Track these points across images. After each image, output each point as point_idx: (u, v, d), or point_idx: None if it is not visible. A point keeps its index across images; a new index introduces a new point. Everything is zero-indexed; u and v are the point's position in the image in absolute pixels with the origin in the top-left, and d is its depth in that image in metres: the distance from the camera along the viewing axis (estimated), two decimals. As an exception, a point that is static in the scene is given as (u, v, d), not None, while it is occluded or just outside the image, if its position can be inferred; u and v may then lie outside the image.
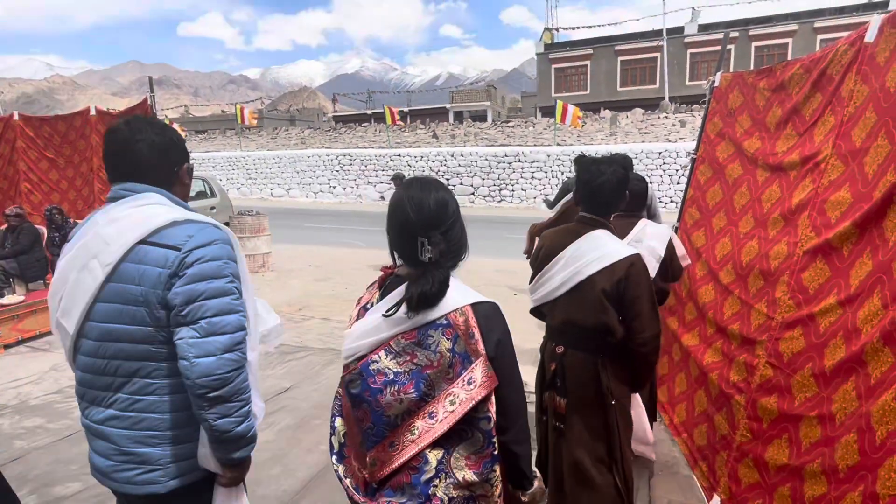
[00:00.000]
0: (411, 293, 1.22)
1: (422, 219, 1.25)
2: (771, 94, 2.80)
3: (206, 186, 10.63)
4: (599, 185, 2.10)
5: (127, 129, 1.39)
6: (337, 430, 1.36)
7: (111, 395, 1.37)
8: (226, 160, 25.54)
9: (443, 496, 1.22)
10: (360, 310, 1.37)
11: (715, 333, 2.89)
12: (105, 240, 1.33)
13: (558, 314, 2.19)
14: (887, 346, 1.64)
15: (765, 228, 2.60)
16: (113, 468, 1.40)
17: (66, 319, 1.37)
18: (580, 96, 32.41)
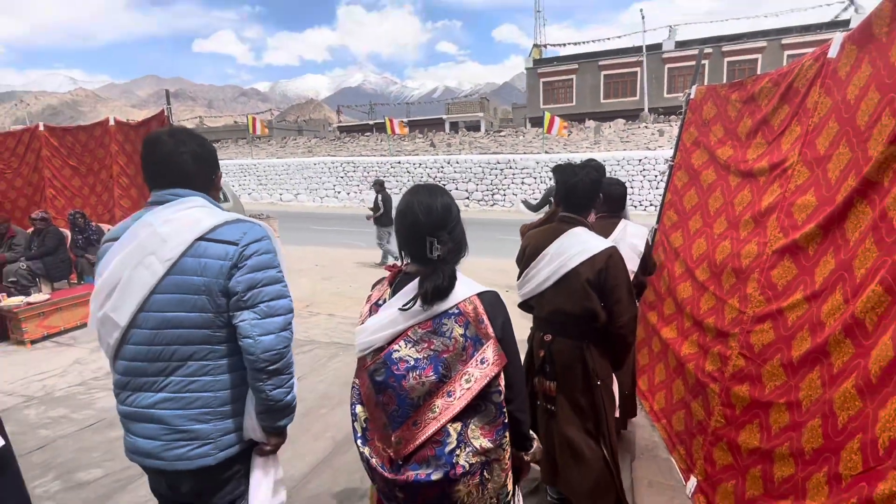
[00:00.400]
0: (426, 288, 1.28)
1: (430, 221, 1.32)
2: (742, 106, 2.81)
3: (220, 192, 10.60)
4: (573, 185, 2.18)
5: (172, 140, 1.44)
6: (358, 417, 1.38)
7: (163, 380, 1.41)
8: (238, 167, 25.46)
9: (464, 463, 1.27)
10: (372, 306, 1.40)
11: (692, 327, 2.89)
12: (163, 238, 1.38)
13: (546, 305, 2.23)
14: (848, 338, 1.65)
15: (737, 230, 2.61)
16: (163, 447, 1.42)
17: (117, 313, 1.39)
18: (566, 108, 32.44)
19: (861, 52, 1.95)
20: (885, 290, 1.49)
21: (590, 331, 2.16)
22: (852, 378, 1.55)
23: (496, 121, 43.17)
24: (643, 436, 3.18)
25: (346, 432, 3.28)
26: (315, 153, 26.47)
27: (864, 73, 1.89)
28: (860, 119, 1.85)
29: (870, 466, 1.39)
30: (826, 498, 1.54)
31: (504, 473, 1.35)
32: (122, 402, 1.47)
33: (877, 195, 1.68)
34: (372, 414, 1.35)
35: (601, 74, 32.31)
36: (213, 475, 1.47)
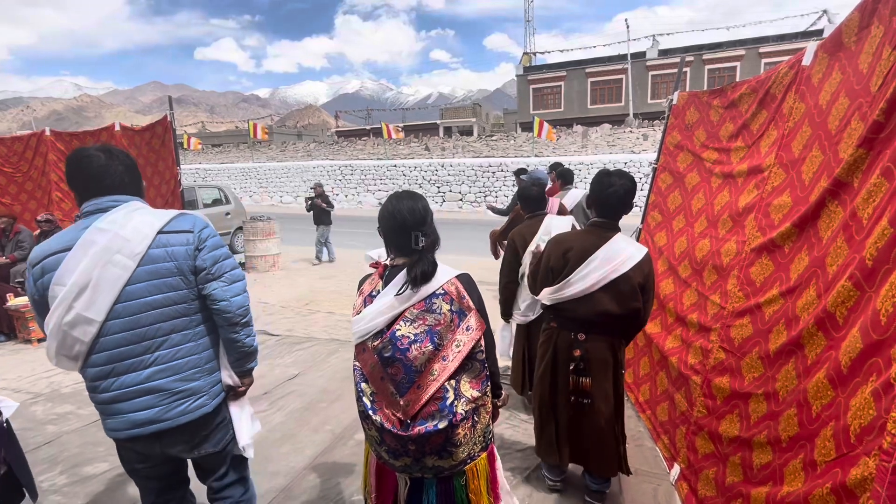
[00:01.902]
0: (415, 273, 1.49)
1: (414, 219, 1.54)
2: (724, 111, 2.83)
3: (222, 194, 10.51)
4: (610, 194, 2.26)
5: (104, 155, 1.59)
6: (365, 392, 1.54)
7: (151, 356, 1.58)
8: (239, 171, 25.29)
9: (461, 411, 1.51)
10: (366, 298, 1.57)
11: (675, 322, 2.91)
12: (125, 238, 1.53)
13: (591, 307, 2.24)
14: (820, 331, 1.66)
15: (716, 228, 2.63)
16: (165, 410, 1.59)
17: (91, 310, 1.51)
18: (555, 113, 32.51)
19: (832, 59, 1.97)
20: (854, 286, 1.51)
21: (623, 327, 2.29)
22: (824, 369, 1.57)
23: (488, 125, 43.16)
24: (629, 426, 3.19)
25: (345, 425, 3.27)
26: (314, 157, 26.35)
27: (835, 80, 1.91)
28: (831, 123, 1.86)
29: (843, 453, 1.40)
30: (802, 483, 1.56)
31: (487, 416, 1.61)
32: (105, 391, 1.57)
33: (847, 195, 1.69)
34: (378, 387, 1.52)
35: (588, 81, 32.40)
36: (209, 422, 1.70)
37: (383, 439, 1.54)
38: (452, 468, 1.56)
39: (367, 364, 1.53)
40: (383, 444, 1.55)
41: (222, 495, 1.86)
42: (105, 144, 1.64)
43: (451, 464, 1.55)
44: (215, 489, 1.86)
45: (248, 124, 23.48)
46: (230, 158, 28.73)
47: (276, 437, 3.14)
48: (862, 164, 1.63)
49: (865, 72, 1.72)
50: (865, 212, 1.56)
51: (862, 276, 1.48)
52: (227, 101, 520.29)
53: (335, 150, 26.31)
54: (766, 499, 1.73)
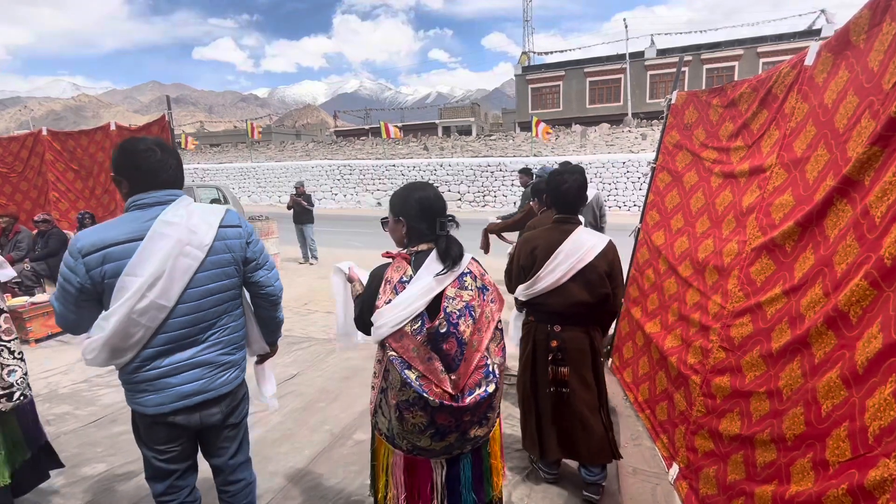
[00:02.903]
0: (453, 254, 1.59)
1: (442, 206, 1.66)
2: (723, 111, 2.82)
3: (220, 194, 10.48)
4: (566, 190, 2.38)
5: (160, 150, 1.67)
6: (410, 378, 1.54)
7: (205, 335, 1.72)
8: (238, 170, 25.24)
9: (496, 372, 1.62)
10: (397, 285, 1.58)
11: (676, 321, 2.90)
12: (192, 230, 1.65)
13: (562, 299, 2.34)
14: (831, 330, 1.65)
15: (719, 228, 2.62)
16: (209, 381, 1.74)
17: (164, 297, 1.61)
18: (554, 112, 32.51)
19: (838, 58, 1.96)
20: (871, 285, 1.49)
21: (595, 315, 2.39)
22: (837, 368, 1.55)
23: (487, 125, 43.16)
24: (628, 425, 3.19)
25: (344, 425, 3.26)
26: (312, 157, 26.31)
27: (842, 78, 1.90)
28: (839, 122, 1.85)
29: (859, 454, 1.38)
30: (813, 483, 1.55)
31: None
32: (155, 368, 1.66)
33: (857, 193, 1.68)
34: (425, 368, 1.54)
35: (587, 81, 32.41)
36: (238, 392, 1.88)
37: (434, 420, 1.53)
38: (486, 435, 1.65)
39: (407, 349, 1.53)
40: (431, 426, 1.54)
41: (236, 477, 1.96)
42: (157, 138, 1.71)
43: (486, 431, 1.64)
44: (230, 469, 1.94)
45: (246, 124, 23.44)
46: (228, 158, 28.67)
47: (274, 437, 3.13)
48: (875, 161, 1.62)
49: (876, 69, 1.71)
50: (878, 210, 1.54)
51: (880, 275, 1.46)
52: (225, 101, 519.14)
53: (334, 150, 26.27)
54: (772, 497, 1.72)
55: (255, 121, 27.40)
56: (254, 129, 23.34)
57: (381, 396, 1.63)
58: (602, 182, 18.00)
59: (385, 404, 1.60)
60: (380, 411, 1.64)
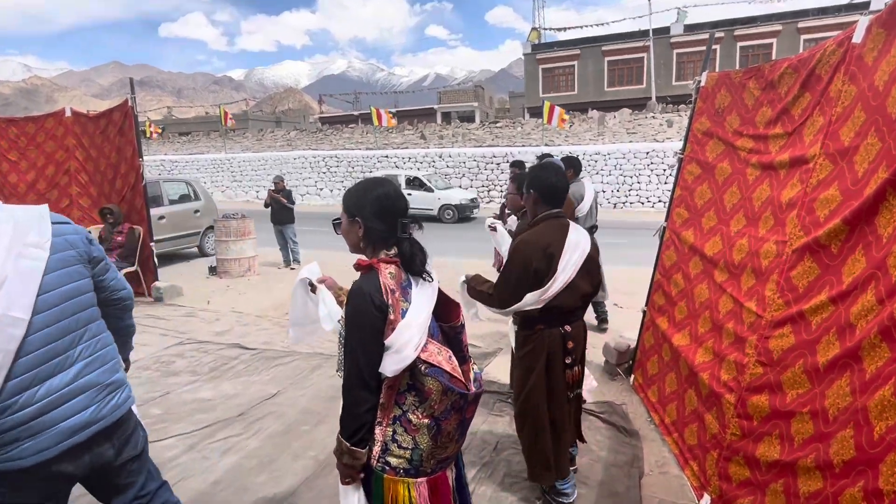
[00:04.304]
0: (419, 260, 1.61)
1: (404, 204, 1.66)
2: (760, 94, 2.82)
3: (190, 189, 10.48)
4: (555, 184, 2.57)
5: None
6: (448, 383, 1.59)
7: (76, 350, 1.65)
8: (210, 162, 25.26)
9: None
10: (403, 290, 1.59)
11: (707, 332, 2.90)
12: (26, 227, 1.59)
13: (574, 294, 2.51)
14: (885, 342, 1.64)
15: (756, 227, 2.62)
16: (98, 409, 1.67)
17: (16, 309, 1.53)
18: (568, 96, 32.57)
19: (890, 34, 1.96)
20: None
21: (586, 307, 2.64)
22: (890, 384, 1.55)
23: (492, 111, 43.23)
24: (653, 451, 3.19)
25: (330, 451, 3.25)
26: (295, 146, 26.34)
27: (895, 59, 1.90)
28: (891, 107, 1.85)
29: None
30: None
31: None
32: (27, 405, 1.53)
33: None
34: (452, 367, 1.63)
35: (605, 61, 32.47)
36: (129, 418, 1.82)
37: (464, 419, 1.64)
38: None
39: (433, 355, 1.59)
40: (460, 426, 1.64)
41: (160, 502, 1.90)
42: None
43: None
44: (148, 498, 1.87)
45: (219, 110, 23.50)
46: (200, 148, 28.69)
47: (251, 465, 3.12)
48: None
49: None
50: None
51: None
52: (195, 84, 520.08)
53: (319, 139, 26.30)
54: None
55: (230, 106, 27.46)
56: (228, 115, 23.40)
57: (396, 427, 1.57)
58: (622, 175, 18.02)
59: (406, 432, 1.57)
60: (394, 445, 1.57)
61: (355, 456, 1.53)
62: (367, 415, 1.52)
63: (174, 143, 30.12)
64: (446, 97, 41.15)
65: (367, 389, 1.51)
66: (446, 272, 5.64)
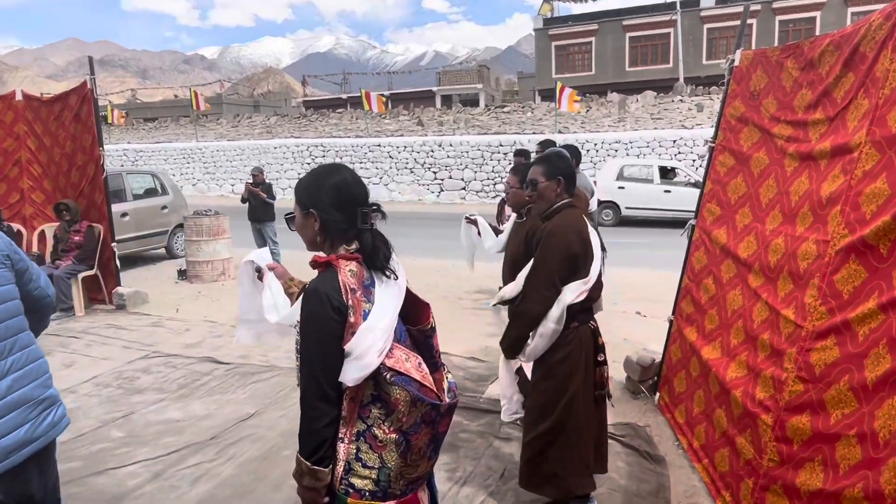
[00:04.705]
0: (383, 254, 1.64)
1: (363, 192, 1.68)
2: (799, 74, 2.83)
3: (157, 182, 10.52)
4: (573, 173, 2.83)
5: None
6: (418, 397, 1.61)
7: (6, 361, 1.68)
8: (179, 152, 25.33)
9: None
10: (364, 290, 1.61)
11: (740, 344, 2.91)
12: None
13: (599, 284, 2.73)
14: None
15: (793, 225, 2.63)
16: (34, 425, 1.70)
17: None
18: (584, 77, 32.63)
19: (942, 7, 1.97)
20: None
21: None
22: None
23: (498, 94, 43.29)
24: (681, 479, 3.19)
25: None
26: (275, 134, 26.39)
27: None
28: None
29: None
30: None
31: None
32: None
33: None
34: (422, 376, 1.64)
35: (626, 37, 32.52)
36: (54, 449, 1.84)
37: (436, 433, 1.66)
38: None
39: (401, 361, 1.60)
40: (432, 441, 1.66)
41: None
42: None
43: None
44: None
45: (189, 93, 23.54)
46: (168, 136, 28.76)
47: (225, 496, 3.13)
48: None
49: None
50: None
51: None
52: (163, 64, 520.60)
53: (302, 126, 26.35)
54: None
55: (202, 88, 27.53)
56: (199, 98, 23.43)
57: (360, 444, 1.59)
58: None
59: (371, 450, 1.58)
60: (358, 465, 1.59)
61: (318, 476, 1.53)
62: (326, 430, 1.53)
63: (139, 131, 30.17)
64: (447, 78, 41.21)
65: (327, 401, 1.53)
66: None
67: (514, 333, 2.74)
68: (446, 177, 20.49)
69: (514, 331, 2.74)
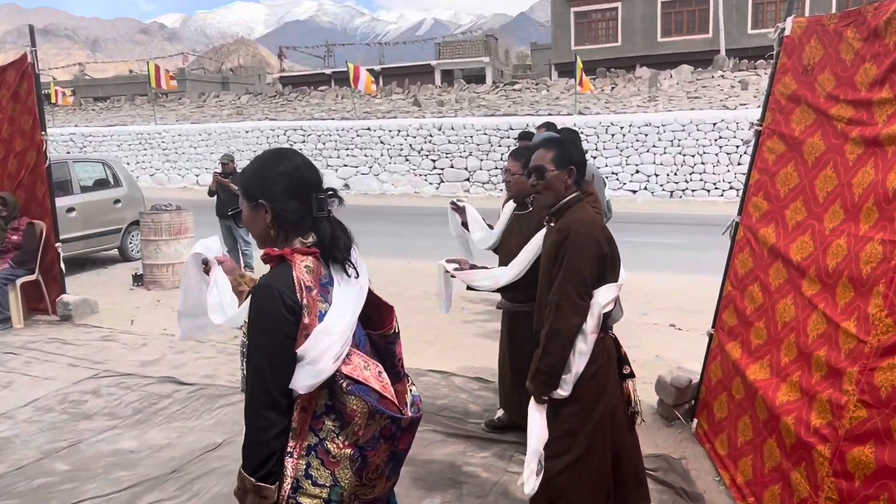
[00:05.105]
0: (342, 244, 1.70)
1: (317, 177, 1.75)
2: (861, 46, 2.83)
3: (108, 172, 10.53)
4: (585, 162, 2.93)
5: None
6: (377, 403, 1.65)
7: None
8: (136, 136, 25.37)
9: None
10: (321, 289, 1.65)
11: (792, 362, 2.90)
12: None
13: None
14: None
15: (855, 222, 2.62)
16: None
17: None
18: (609, 49, 32.65)
19: None
20: None
21: None
22: None
23: (508, 68, 43.38)
24: (723, 521, 3.19)
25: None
26: (247, 116, 26.44)
27: None
28: None
29: None
30: None
31: None
32: None
33: None
34: (382, 386, 1.69)
35: (658, 2, 32.55)
36: None
37: (396, 450, 1.71)
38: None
39: (359, 369, 1.65)
40: (392, 459, 1.71)
41: None
42: None
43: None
44: None
45: (148, 67, 23.58)
46: (121, 118, 28.84)
47: (188, 539, 3.13)
48: None
49: None
50: None
51: None
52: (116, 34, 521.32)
53: (279, 106, 26.42)
54: None
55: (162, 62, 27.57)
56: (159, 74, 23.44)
57: (311, 459, 1.62)
58: (682, 153, 18.04)
59: (323, 466, 1.61)
60: (307, 482, 1.61)
61: (262, 494, 1.55)
62: (275, 442, 1.56)
63: (88, 112, 30.27)
64: (448, 51, 41.31)
65: (276, 410, 1.55)
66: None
67: (552, 359, 2.58)
68: (447, 165, 20.49)
69: (553, 355, 2.57)
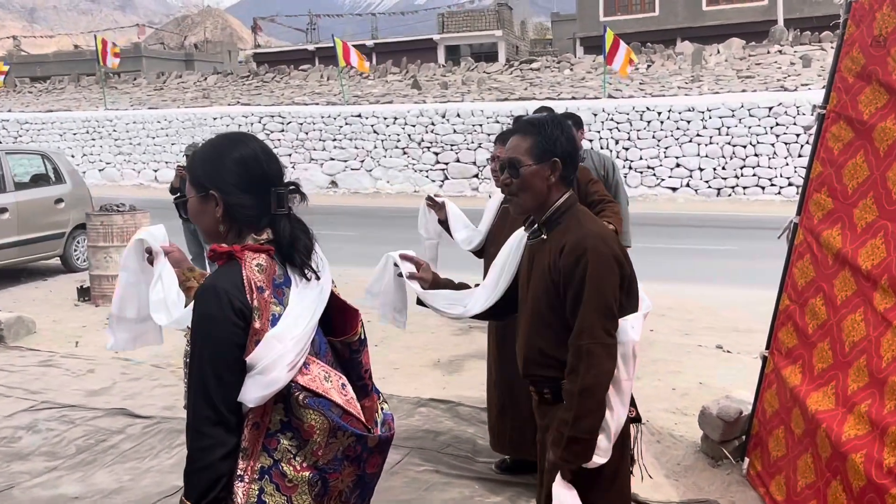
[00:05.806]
0: (302, 245, 1.74)
1: (276, 168, 1.79)
2: (941, 13, 2.85)
3: (49, 166, 10.56)
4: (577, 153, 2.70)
5: None
6: (339, 420, 1.70)
7: None
8: (82, 124, 25.47)
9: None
10: (275, 291, 1.69)
11: (862, 390, 2.90)
12: None
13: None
14: None
15: (934, 222, 2.63)
16: None
17: None
18: (645, 21, 32.69)
19: None
20: None
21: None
22: None
23: (525, 44, 43.44)
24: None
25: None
26: (215, 99, 26.53)
27: None
28: None
29: None
30: None
31: None
32: None
33: None
34: (346, 401, 1.73)
35: (703, -36, 32.62)
36: None
37: (363, 474, 1.77)
38: None
39: (318, 380, 1.68)
40: (358, 484, 1.77)
41: None
42: None
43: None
44: None
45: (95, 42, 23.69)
46: (65, 102, 28.94)
47: None
48: None
49: None
50: None
51: None
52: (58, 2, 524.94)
53: (253, 88, 26.51)
54: None
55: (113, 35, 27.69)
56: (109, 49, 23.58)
57: (264, 483, 1.64)
58: (731, 143, 18.02)
59: (278, 491, 1.64)
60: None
61: None
62: (222, 464, 1.57)
63: (24, 94, 30.42)
64: (453, 23, 41.37)
65: (223, 427, 1.58)
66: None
67: (590, 422, 2.26)
68: (452, 159, 20.52)
69: (590, 418, 2.26)
